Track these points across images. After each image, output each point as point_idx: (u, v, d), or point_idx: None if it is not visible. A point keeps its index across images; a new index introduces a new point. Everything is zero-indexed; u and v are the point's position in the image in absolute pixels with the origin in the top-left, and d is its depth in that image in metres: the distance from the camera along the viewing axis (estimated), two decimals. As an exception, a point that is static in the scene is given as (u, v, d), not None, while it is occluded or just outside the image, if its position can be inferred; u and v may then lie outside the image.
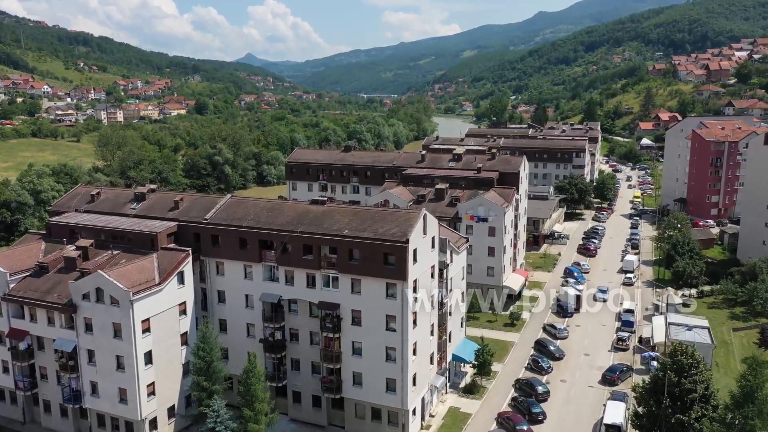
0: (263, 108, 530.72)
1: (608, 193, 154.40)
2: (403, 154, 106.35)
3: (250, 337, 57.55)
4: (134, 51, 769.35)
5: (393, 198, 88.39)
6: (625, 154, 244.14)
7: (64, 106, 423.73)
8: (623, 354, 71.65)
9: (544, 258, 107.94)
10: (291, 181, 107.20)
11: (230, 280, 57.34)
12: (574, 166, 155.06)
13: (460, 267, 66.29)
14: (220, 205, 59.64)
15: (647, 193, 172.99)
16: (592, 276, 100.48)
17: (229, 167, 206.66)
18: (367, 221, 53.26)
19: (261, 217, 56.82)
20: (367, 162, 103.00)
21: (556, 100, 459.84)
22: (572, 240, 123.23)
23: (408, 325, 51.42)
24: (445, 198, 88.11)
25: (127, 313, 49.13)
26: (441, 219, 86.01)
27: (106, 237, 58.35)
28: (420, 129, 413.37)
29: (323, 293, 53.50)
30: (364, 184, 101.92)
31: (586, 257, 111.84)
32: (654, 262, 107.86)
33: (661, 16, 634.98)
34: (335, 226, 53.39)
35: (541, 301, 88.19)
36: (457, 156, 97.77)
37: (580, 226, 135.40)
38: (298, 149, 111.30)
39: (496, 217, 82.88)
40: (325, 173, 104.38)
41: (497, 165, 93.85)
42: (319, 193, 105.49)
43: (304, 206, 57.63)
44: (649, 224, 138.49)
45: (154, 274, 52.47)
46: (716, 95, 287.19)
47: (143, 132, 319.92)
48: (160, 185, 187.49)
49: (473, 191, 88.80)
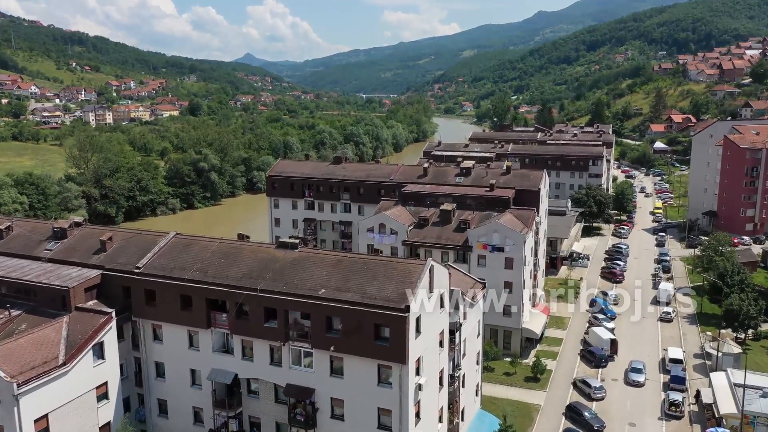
0: (259, 108, 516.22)
1: (628, 205, 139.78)
2: (401, 166, 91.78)
3: (197, 425, 43.18)
4: (130, 51, 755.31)
5: (390, 221, 74.11)
6: (638, 158, 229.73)
7: (51, 108, 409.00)
8: (678, 425, 57.31)
9: (565, 285, 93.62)
10: (272, 198, 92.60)
11: (171, 349, 43.02)
12: (590, 174, 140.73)
13: (476, 321, 52.01)
14: (160, 248, 45.18)
15: (668, 203, 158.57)
16: (621, 308, 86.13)
17: (215, 174, 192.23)
18: (352, 275, 38.90)
19: (210, 266, 42.42)
20: (360, 176, 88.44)
21: (560, 101, 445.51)
22: (593, 260, 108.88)
23: (408, 421, 37.14)
24: (452, 221, 73.86)
25: (11, 411, 34.75)
26: (447, 248, 71.98)
27: (7, 290, 44.02)
28: (420, 130, 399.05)
29: (292, 373, 39.22)
30: (357, 202, 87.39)
31: (612, 283, 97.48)
32: (692, 289, 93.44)
33: (663, 15, 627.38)
34: (308, 283, 39.03)
35: (566, 343, 74.04)
36: (465, 170, 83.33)
37: (599, 244, 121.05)
38: (281, 161, 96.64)
39: (514, 246, 68.55)
40: (312, 189, 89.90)
41: (513, 181, 79.46)
42: (304, 212, 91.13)
43: (269, 251, 43.12)
44: (676, 240, 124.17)
45: (59, 348, 38.07)
46: (731, 95, 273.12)
47: (130, 135, 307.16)
48: (139, 194, 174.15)
49: (486, 213, 74.56)
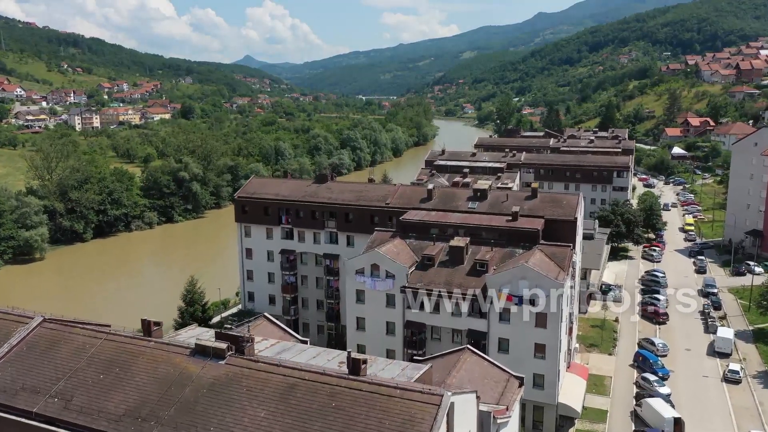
0: (256, 111, 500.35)
1: (657, 222, 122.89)
2: (400, 186, 74.70)
3: None
4: (127, 53, 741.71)
5: (385, 261, 57.58)
6: (655, 165, 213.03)
7: (36, 111, 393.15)
8: None
9: (600, 328, 77.07)
10: (242, 225, 75.95)
11: None
12: (614, 187, 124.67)
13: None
14: (11, 347, 28.49)
15: (698, 217, 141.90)
16: (671, 362, 69.57)
17: (197, 184, 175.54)
18: (311, 423, 22.27)
19: (78, 390, 25.94)
20: (349, 199, 71.68)
21: (564, 102, 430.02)
22: (626, 292, 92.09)
23: None
24: (465, 261, 57.39)
25: None
26: (460, 296, 55.54)
27: None
28: (420, 134, 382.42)
29: None
30: (345, 231, 70.70)
31: (654, 324, 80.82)
32: (753, 334, 76.98)
33: (667, 15, 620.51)
34: None
35: (613, 419, 57.61)
36: (479, 193, 66.65)
37: (630, 270, 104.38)
38: (253, 178, 79.25)
39: (549, 298, 52.10)
40: (291, 214, 73.27)
41: (541, 207, 62.87)
42: (281, 242, 74.43)
43: (179, 363, 26.36)
44: (717, 265, 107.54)
45: None
46: (751, 97, 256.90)
47: (114, 140, 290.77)
48: (111, 207, 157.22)
49: (508, 250, 58.07)
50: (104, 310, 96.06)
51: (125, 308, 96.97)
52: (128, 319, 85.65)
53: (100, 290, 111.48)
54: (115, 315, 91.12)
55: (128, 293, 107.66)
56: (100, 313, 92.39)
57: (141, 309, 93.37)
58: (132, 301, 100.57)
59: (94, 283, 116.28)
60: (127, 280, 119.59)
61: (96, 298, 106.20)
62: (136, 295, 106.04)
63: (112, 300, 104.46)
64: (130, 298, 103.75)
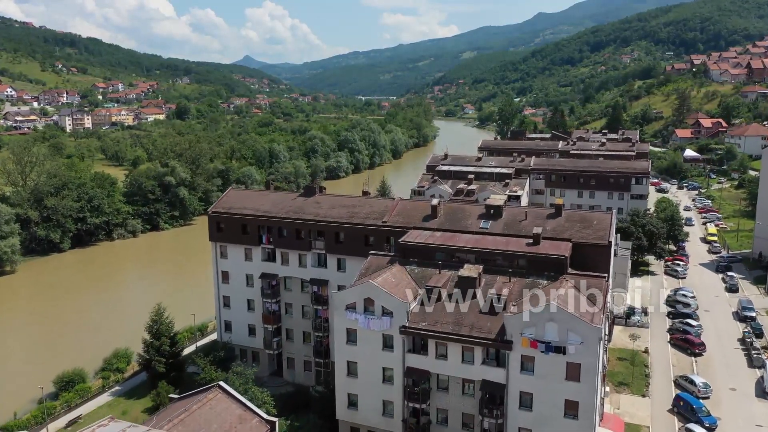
0: (253, 112, 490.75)
1: (679, 233, 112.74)
2: (399, 201, 64.12)
3: None
4: (124, 53, 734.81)
5: (380, 296, 47.58)
6: (667, 168, 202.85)
7: (26, 111, 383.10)
8: None
9: (630, 363, 66.91)
10: (217, 244, 65.83)
11: None
12: (632, 195, 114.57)
13: None
14: None
15: (721, 226, 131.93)
16: (715, 405, 59.48)
17: (184, 189, 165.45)
18: None
19: None
20: (341, 215, 61.55)
21: (566, 103, 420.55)
22: (652, 314, 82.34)
23: None
24: (478, 295, 47.40)
25: None
26: (472, 342, 45.52)
27: None
28: (420, 135, 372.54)
29: None
30: (335, 254, 60.56)
31: (689, 356, 70.85)
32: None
33: (670, 15, 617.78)
34: None
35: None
36: (493, 210, 56.53)
37: (653, 288, 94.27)
38: (231, 191, 68.45)
39: (583, 345, 42.12)
40: (272, 233, 63.24)
41: (567, 229, 52.79)
42: (261, 265, 64.26)
43: None
44: (749, 282, 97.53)
45: None
46: (764, 97, 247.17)
47: (104, 141, 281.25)
48: (90, 215, 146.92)
49: (530, 281, 48.06)
50: (67, 340, 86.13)
51: (92, 334, 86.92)
52: (91, 350, 75.69)
53: (72, 309, 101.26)
54: (78, 346, 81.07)
55: (100, 313, 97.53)
56: (58, 348, 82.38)
57: (110, 334, 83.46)
58: (101, 325, 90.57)
59: (66, 300, 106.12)
60: (103, 295, 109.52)
61: (63, 321, 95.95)
62: (110, 315, 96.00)
63: (79, 323, 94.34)
64: (101, 320, 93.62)
